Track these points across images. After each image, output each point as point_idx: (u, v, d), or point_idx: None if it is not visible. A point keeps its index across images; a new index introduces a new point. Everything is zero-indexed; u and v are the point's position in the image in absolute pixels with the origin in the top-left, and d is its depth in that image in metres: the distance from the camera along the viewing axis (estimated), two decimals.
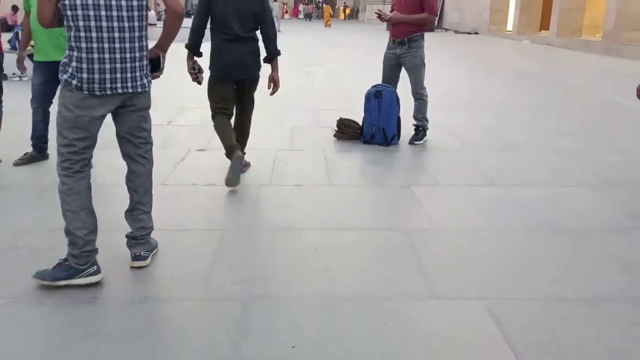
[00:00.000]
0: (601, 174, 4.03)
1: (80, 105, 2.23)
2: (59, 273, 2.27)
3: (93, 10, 2.17)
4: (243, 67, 3.60)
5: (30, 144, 4.09)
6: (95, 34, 2.20)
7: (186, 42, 3.54)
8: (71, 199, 2.28)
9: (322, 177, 3.85)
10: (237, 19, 3.47)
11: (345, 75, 9.53)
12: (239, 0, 3.45)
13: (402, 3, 4.60)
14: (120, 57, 2.26)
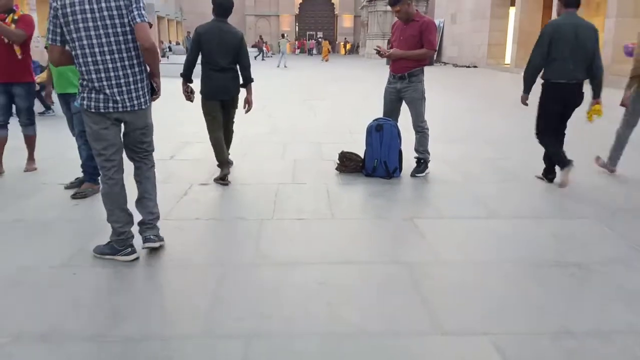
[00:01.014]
0: (603, 205, 4.02)
1: (95, 121, 2.78)
2: (106, 250, 2.94)
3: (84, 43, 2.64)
4: (225, 90, 4.63)
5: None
6: (89, 66, 2.68)
7: (181, 72, 4.59)
8: (108, 200, 2.91)
9: (325, 211, 3.85)
10: (221, 55, 4.48)
11: (346, 109, 9.64)
12: (223, 41, 4.46)
13: (401, 39, 4.69)
14: (116, 81, 2.74)
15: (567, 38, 4.22)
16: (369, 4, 39.60)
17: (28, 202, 3.99)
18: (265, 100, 11.20)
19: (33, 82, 4.81)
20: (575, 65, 4.26)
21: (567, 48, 4.22)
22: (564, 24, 4.28)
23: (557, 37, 4.24)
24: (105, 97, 2.73)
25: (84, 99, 2.75)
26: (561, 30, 4.25)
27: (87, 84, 2.73)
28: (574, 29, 4.23)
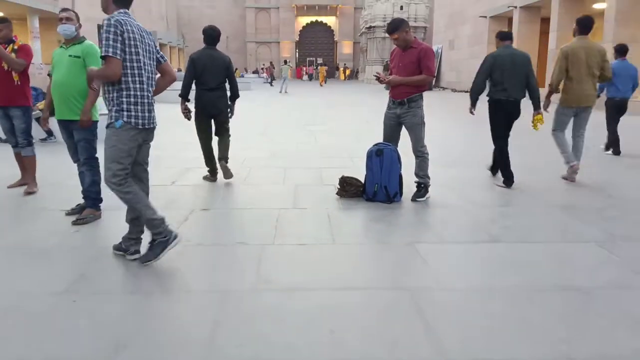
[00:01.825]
0: (606, 229, 4.01)
1: (135, 138, 3.12)
2: (156, 250, 3.19)
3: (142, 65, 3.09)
4: (214, 106, 5.44)
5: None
6: (143, 84, 3.11)
7: (179, 92, 5.35)
8: (138, 197, 3.17)
9: (326, 236, 3.84)
10: (211, 77, 5.31)
11: (346, 134, 9.70)
12: (212, 65, 5.30)
13: (400, 66, 4.75)
14: (151, 100, 3.21)
15: (505, 65, 5.19)
16: (367, 30, 40.22)
17: (29, 228, 3.99)
18: (266, 125, 11.29)
19: (29, 106, 5.04)
20: (512, 86, 5.20)
21: (506, 73, 5.17)
22: (502, 54, 5.28)
23: (497, 65, 5.22)
24: (152, 113, 3.22)
25: (132, 116, 3.06)
26: (500, 59, 5.24)
27: (139, 100, 3.10)
28: (510, 57, 5.24)
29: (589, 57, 5.45)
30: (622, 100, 7.50)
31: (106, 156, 3.08)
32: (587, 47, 5.47)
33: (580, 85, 5.48)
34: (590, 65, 5.46)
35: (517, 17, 21.75)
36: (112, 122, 3.07)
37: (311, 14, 54.92)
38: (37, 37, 24.43)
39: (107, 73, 3.00)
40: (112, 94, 3.08)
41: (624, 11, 14.59)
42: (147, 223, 3.23)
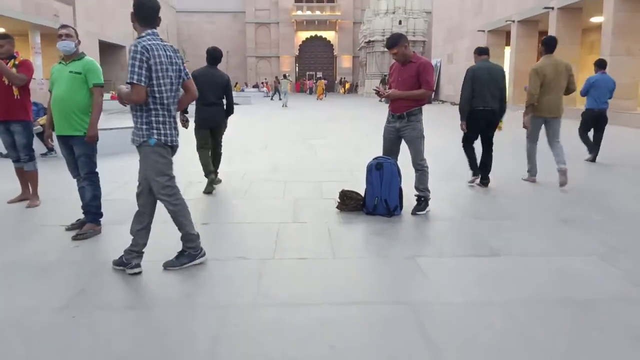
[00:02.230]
0: (606, 242, 4.01)
1: (169, 153, 3.35)
2: (182, 260, 3.42)
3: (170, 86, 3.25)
4: (213, 120, 5.88)
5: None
6: (170, 106, 3.29)
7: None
8: (185, 211, 3.43)
9: (326, 250, 3.84)
10: (211, 92, 5.67)
11: (346, 148, 9.73)
12: (213, 82, 5.70)
13: (399, 80, 4.79)
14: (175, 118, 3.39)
15: (482, 77, 5.82)
16: (367, 45, 40.51)
17: (29, 244, 3.98)
18: (267, 138, 11.32)
19: (30, 121, 5.07)
20: (488, 96, 5.83)
21: (484, 84, 5.79)
22: (480, 68, 5.91)
23: (476, 77, 5.82)
24: (177, 131, 3.40)
25: (161, 134, 3.26)
26: (478, 72, 5.86)
27: (167, 120, 3.29)
28: (487, 70, 5.89)
29: (556, 73, 5.99)
30: (599, 111, 7.85)
31: (150, 173, 3.29)
32: (554, 64, 6.02)
33: (549, 98, 6.01)
34: (558, 80, 6.00)
35: (514, 31, 21.93)
36: (145, 140, 3.25)
37: (311, 29, 55.34)
38: (38, 53, 24.61)
39: (132, 98, 3.16)
40: (141, 114, 3.24)
41: (621, 25, 14.73)
42: (184, 236, 3.45)
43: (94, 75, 4.12)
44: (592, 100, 7.86)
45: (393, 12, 37.44)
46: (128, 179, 6.49)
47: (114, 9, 34.67)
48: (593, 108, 7.88)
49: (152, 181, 3.31)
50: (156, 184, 3.30)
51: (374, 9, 39.53)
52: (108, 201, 4.85)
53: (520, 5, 21.28)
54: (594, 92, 7.73)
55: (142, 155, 3.32)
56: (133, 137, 3.33)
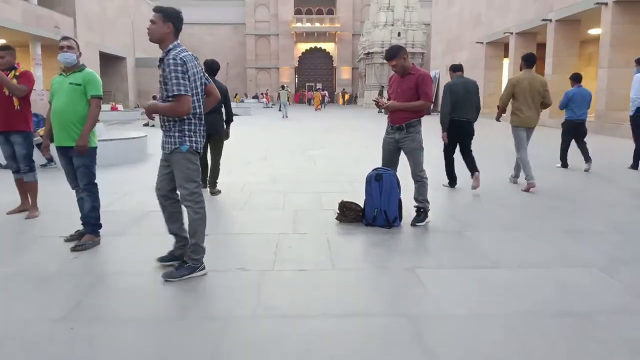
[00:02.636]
0: (607, 253, 4.00)
1: (196, 160, 3.41)
2: (183, 271, 3.40)
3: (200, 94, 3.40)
4: (213, 127, 5.74)
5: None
6: (201, 113, 3.44)
7: None
8: (204, 221, 3.47)
9: (326, 261, 3.83)
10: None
11: (345, 158, 9.74)
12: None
13: (398, 92, 4.81)
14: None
15: (459, 92, 6.33)
16: (366, 56, 40.74)
17: (28, 255, 3.97)
18: (267, 149, 11.34)
19: (30, 131, 5.09)
20: (465, 109, 6.34)
21: (460, 98, 6.31)
22: (456, 83, 6.44)
23: (453, 92, 6.33)
24: (202, 141, 3.48)
25: (193, 141, 3.37)
26: (455, 87, 6.38)
27: (198, 128, 3.41)
28: (463, 85, 6.43)
29: (532, 87, 6.44)
30: (578, 122, 8.27)
31: (181, 178, 3.37)
32: (531, 78, 6.48)
33: (526, 110, 6.50)
34: (534, 94, 6.46)
35: (513, 43, 22.06)
36: (177, 147, 3.34)
37: (310, 41, 55.70)
38: (39, 64, 24.72)
39: (179, 110, 3.24)
40: (174, 122, 3.33)
41: (619, 37, 14.83)
42: (193, 246, 3.45)
43: (93, 87, 4.14)
44: (571, 112, 8.29)
45: (392, 24, 37.71)
46: (127, 190, 6.49)
47: (115, 20, 34.90)
48: (572, 119, 8.29)
49: (180, 187, 3.40)
50: (184, 190, 3.39)
51: (373, 21, 39.81)
52: (107, 212, 4.85)
53: (519, 17, 21.44)
54: (572, 104, 8.18)
55: (174, 162, 3.40)
56: (164, 145, 3.43)
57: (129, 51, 37.40)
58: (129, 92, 36.97)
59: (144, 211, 5.32)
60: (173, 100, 3.22)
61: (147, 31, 3.31)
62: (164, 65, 3.24)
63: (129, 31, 37.66)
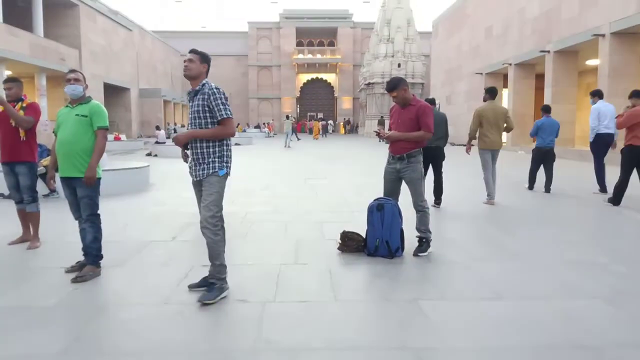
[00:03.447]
0: (612, 285, 3.96)
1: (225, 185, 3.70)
2: (216, 293, 3.58)
3: None
4: None
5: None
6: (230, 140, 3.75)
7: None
8: (223, 242, 3.72)
9: (328, 293, 3.79)
10: None
11: (347, 188, 9.74)
12: None
13: (399, 122, 4.86)
14: None
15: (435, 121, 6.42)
16: (366, 87, 41.22)
17: (28, 286, 3.94)
18: (268, 179, 11.36)
19: (35, 162, 5.12)
20: (436, 136, 6.59)
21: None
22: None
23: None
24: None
25: (228, 167, 3.69)
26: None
27: (230, 153, 3.71)
28: (436, 116, 6.49)
29: (496, 116, 7.59)
30: (546, 148, 9.09)
31: (210, 200, 3.57)
32: (494, 108, 7.64)
33: (491, 135, 7.62)
34: (497, 121, 7.61)
35: (512, 74, 22.34)
36: (215, 171, 3.58)
37: (311, 71, 56.47)
38: (43, 95, 25.06)
39: (228, 132, 3.59)
40: (214, 148, 3.60)
41: (617, 67, 15.01)
42: (217, 268, 3.65)
43: (100, 118, 4.19)
44: (540, 140, 9.11)
45: (392, 55, 38.27)
46: (129, 220, 6.48)
47: (120, 52, 35.52)
48: (541, 146, 9.12)
49: (206, 208, 3.58)
50: (208, 211, 3.57)
51: (373, 53, 40.43)
52: (109, 242, 4.83)
53: (517, 49, 21.77)
54: (541, 133, 9.04)
55: (209, 184, 3.58)
56: (199, 172, 3.62)
57: (133, 82, 37.95)
58: (132, 122, 37.33)
59: (145, 242, 5.30)
60: (219, 125, 3.55)
61: (185, 67, 3.61)
62: (206, 96, 3.55)
63: (133, 63, 38.31)
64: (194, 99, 3.64)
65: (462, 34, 29.38)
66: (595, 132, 8.87)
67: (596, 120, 8.83)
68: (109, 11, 35.36)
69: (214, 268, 3.66)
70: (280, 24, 56.03)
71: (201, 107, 3.57)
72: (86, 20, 29.89)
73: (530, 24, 20.52)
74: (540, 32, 19.62)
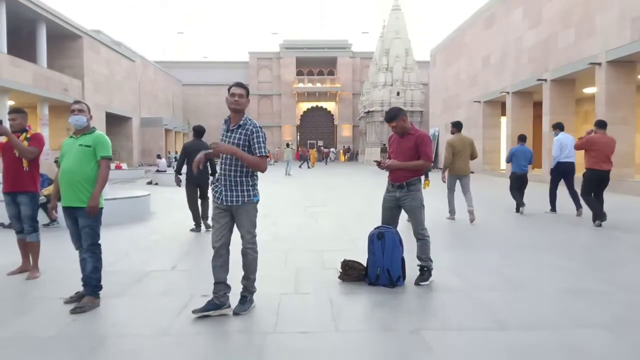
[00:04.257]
0: (614, 313, 3.93)
1: None
2: (247, 305, 3.99)
3: None
4: (199, 179, 7.70)
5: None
6: None
7: (175, 169, 8.10)
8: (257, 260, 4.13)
9: (329, 323, 3.75)
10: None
11: (347, 216, 9.74)
12: (200, 149, 6.35)
13: (398, 151, 4.90)
14: None
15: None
16: (366, 115, 41.57)
17: (27, 318, 3.91)
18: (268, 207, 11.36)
19: (36, 192, 5.13)
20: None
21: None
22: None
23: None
24: None
25: (258, 194, 4.13)
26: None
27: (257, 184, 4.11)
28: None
29: (463, 146, 8.72)
30: (521, 174, 9.95)
31: (249, 224, 4.02)
32: (462, 139, 8.82)
33: (458, 162, 8.70)
34: (464, 150, 8.71)
35: (510, 102, 22.54)
36: (251, 198, 3.98)
37: (312, 100, 57.01)
38: (45, 125, 25.27)
39: (262, 167, 3.94)
40: (247, 177, 3.96)
41: (614, 95, 15.16)
42: (250, 282, 4.06)
43: (103, 148, 4.23)
44: (515, 166, 9.97)
45: (391, 84, 38.71)
46: (129, 249, 6.47)
47: (122, 82, 35.96)
48: (516, 171, 9.98)
49: (248, 233, 3.99)
50: (250, 235, 4.00)
51: (372, 82, 40.91)
52: (108, 272, 4.82)
53: (514, 77, 22.03)
54: (515, 159, 9.92)
55: (246, 211, 3.96)
56: (232, 198, 3.92)
57: (134, 111, 38.31)
58: (133, 151, 37.53)
59: (145, 271, 5.28)
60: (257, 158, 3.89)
61: (235, 102, 3.87)
62: (249, 132, 3.88)
63: (135, 92, 38.75)
64: (234, 131, 3.91)
65: (460, 62, 29.78)
66: (557, 161, 9.78)
67: (558, 150, 9.73)
68: (112, 42, 35.95)
69: (249, 282, 4.03)
70: (280, 54, 56.84)
71: (242, 141, 3.87)
72: (90, 52, 30.35)
73: (527, 52, 20.82)
74: (537, 61, 19.89)
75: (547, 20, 19.08)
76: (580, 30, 16.77)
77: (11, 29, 23.74)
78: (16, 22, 24.18)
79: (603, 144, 8.15)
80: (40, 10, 24.36)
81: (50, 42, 26.63)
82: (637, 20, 13.85)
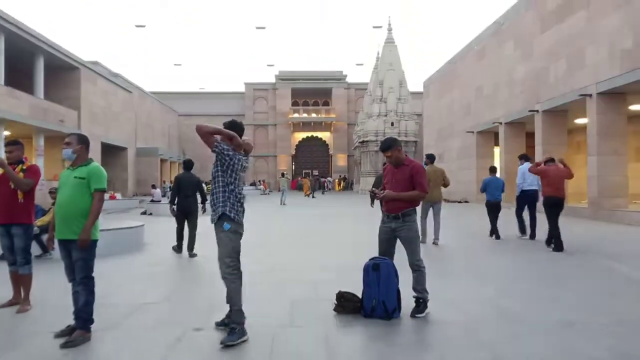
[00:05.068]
0: (612, 347, 3.89)
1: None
2: (235, 336, 3.96)
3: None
4: (188, 207, 8.80)
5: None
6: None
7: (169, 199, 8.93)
8: (240, 289, 4.13)
9: (324, 357, 3.69)
10: (188, 189, 8.74)
11: (342, 247, 9.70)
12: (189, 182, 8.80)
13: (393, 182, 4.92)
14: None
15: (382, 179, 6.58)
16: (361, 145, 41.85)
17: (16, 353, 3.83)
18: (263, 237, 11.30)
19: (31, 224, 5.10)
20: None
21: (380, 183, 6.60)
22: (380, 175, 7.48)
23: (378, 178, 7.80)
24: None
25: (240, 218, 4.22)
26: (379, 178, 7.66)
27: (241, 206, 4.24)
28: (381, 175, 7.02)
29: (435, 175, 9.67)
30: (494, 202, 10.82)
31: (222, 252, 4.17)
32: (434, 170, 9.90)
33: (432, 190, 8.53)
34: (436, 180, 9.62)
35: (502, 133, 22.78)
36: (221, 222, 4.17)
37: (307, 130, 57.43)
38: (41, 155, 25.24)
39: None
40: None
41: (605, 126, 15.35)
42: (236, 313, 4.07)
43: (97, 180, 4.22)
44: (489, 195, 10.84)
45: (385, 114, 39.13)
46: (123, 281, 6.39)
47: (119, 113, 36.15)
48: (490, 200, 10.85)
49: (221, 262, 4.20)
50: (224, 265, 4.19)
51: (367, 112, 41.36)
52: (101, 305, 4.75)
53: (507, 108, 22.32)
54: (489, 189, 10.80)
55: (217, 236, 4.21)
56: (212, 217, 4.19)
57: (130, 141, 38.41)
58: (128, 181, 37.46)
59: (137, 304, 5.21)
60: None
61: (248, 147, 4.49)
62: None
63: (131, 123, 38.93)
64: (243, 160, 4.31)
65: (453, 93, 30.21)
66: (521, 189, 10.69)
67: (521, 179, 10.66)
68: (109, 74, 36.29)
69: (233, 313, 4.10)
70: (276, 85, 57.49)
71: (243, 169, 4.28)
72: (87, 83, 30.59)
73: (519, 84, 21.16)
74: (529, 92, 20.20)
75: (538, 53, 19.47)
76: (570, 62, 17.11)
77: (9, 60, 23.95)
78: (14, 53, 24.40)
79: (555, 174, 9.08)
80: (38, 42, 24.62)
81: (47, 73, 26.83)
82: (626, 53, 14.16)
